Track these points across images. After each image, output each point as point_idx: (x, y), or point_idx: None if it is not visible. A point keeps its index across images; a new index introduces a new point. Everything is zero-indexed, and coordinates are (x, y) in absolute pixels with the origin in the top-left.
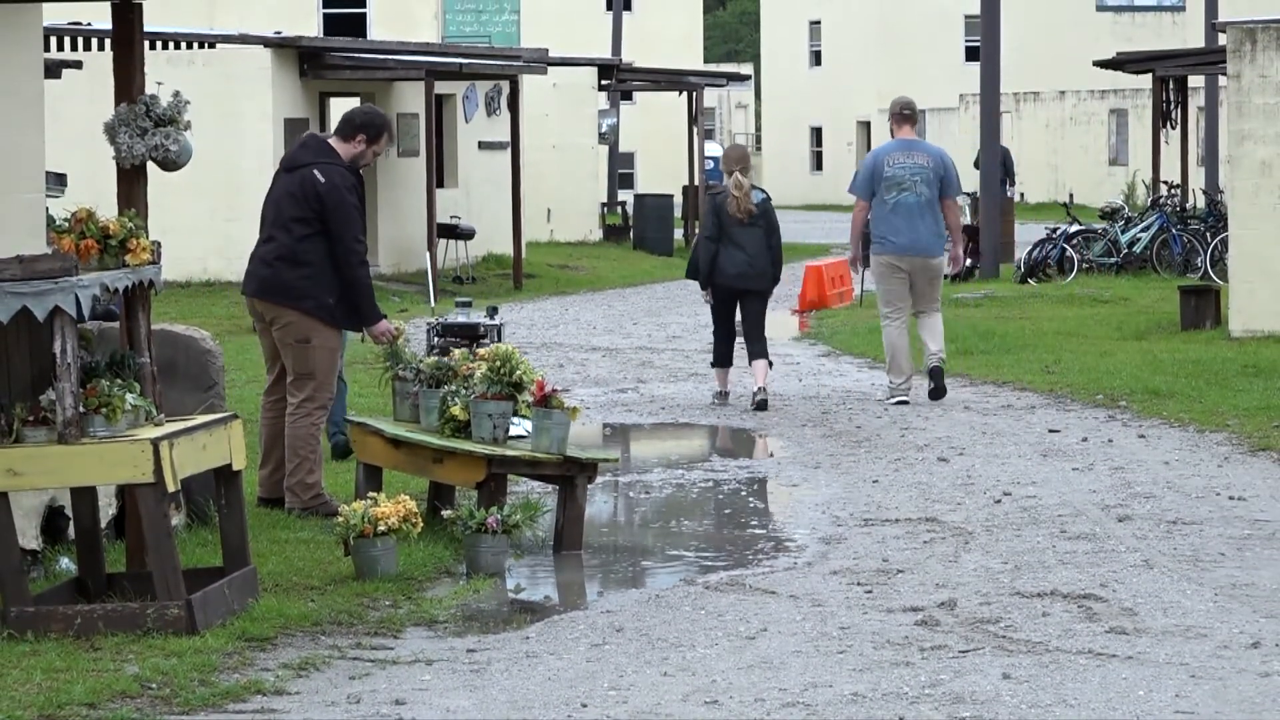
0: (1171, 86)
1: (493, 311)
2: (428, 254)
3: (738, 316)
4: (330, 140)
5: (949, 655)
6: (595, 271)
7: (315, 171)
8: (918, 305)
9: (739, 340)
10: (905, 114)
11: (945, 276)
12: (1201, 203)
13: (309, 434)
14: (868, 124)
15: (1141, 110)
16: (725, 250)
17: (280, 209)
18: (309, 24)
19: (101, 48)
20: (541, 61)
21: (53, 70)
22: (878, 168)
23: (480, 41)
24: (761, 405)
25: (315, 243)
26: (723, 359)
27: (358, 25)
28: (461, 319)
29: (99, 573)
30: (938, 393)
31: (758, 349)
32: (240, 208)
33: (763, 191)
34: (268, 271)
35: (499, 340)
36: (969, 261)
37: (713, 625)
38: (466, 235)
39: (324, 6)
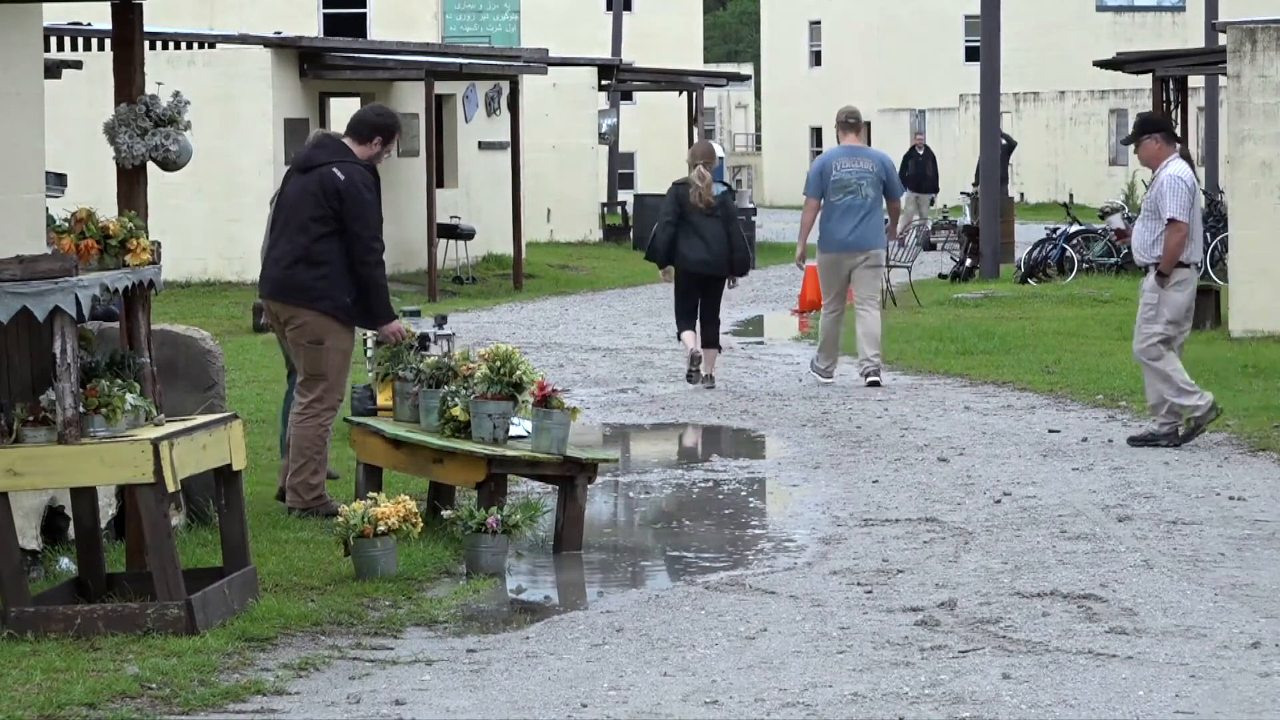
0: (1171, 87)
1: (441, 321)
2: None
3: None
4: (345, 140)
5: (949, 655)
6: (595, 271)
7: (334, 170)
8: (859, 293)
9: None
10: (850, 122)
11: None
12: (1201, 203)
13: (316, 435)
14: (868, 124)
15: (1141, 110)
16: (686, 238)
17: (298, 209)
18: (309, 24)
19: (101, 48)
20: (541, 61)
21: (53, 70)
22: (826, 171)
23: (480, 41)
24: (707, 380)
25: (331, 242)
26: (686, 325)
27: (358, 25)
28: (411, 328)
29: (99, 573)
30: (875, 384)
31: (711, 334)
32: (240, 208)
33: (725, 185)
34: (284, 273)
35: (450, 349)
36: (968, 261)
37: (713, 625)
38: (466, 235)
39: (324, 6)
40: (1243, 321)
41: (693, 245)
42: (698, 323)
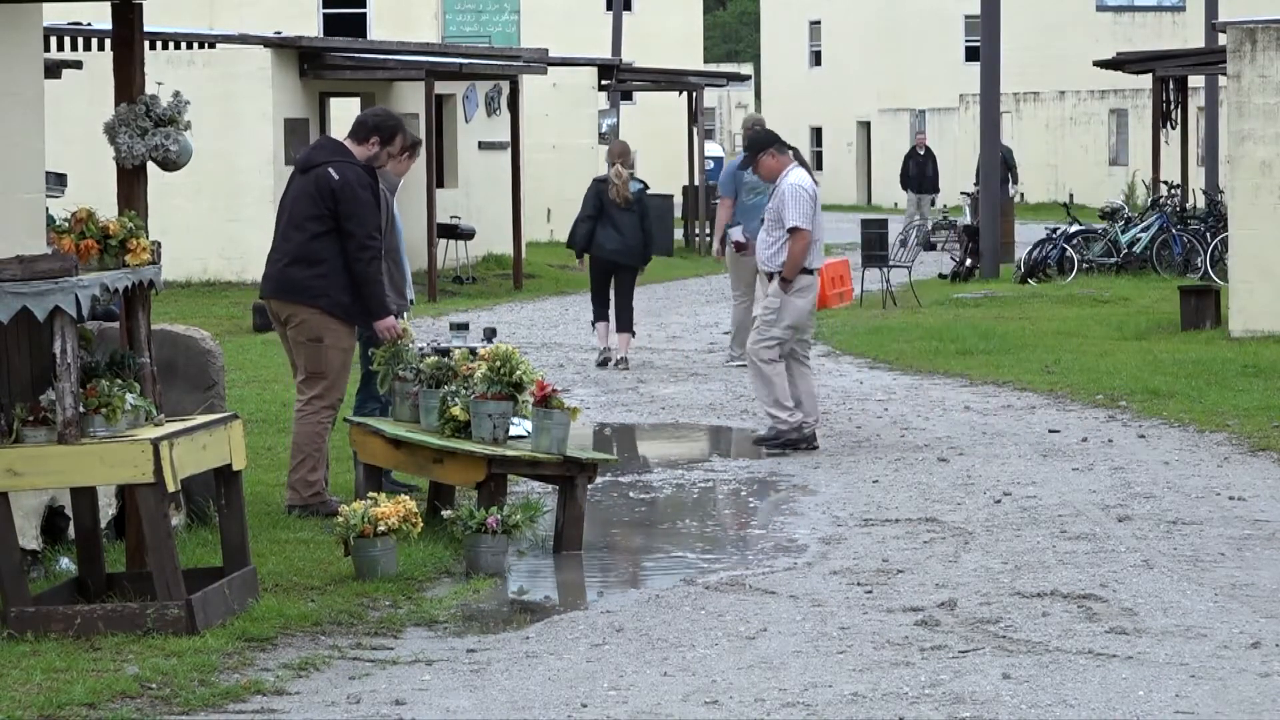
0: (1171, 86)
1: (490, 334)
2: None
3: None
4: (345, 141)
5: (949, 655)
6: None
7: (330, 170)
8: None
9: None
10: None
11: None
12: (1201, 203)
13: (315, 432)
14: (868, 124)
15: (1141, 110)
16: (604, 230)
17: (295, 209)
18: (309, 24)
19: (101, 48)
20: (541, 61)
21: (53, 70)
22: (739, 175)
23: (480, 41)
24: (621, 364)
25: (329, 241)
26: (600, 316)
27: (358, 25)
28: (459, 344)
29: (99, 573)
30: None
31: (625, 320)
32: (240, 208)
33: (640, 182)
34: (282, 271)
35: None
36: (968, 261)
37: (713, 625)
38: (466, 235)
39: (324, 6)
40: (1243, 321)
41: (609, 236)
42: (611, 313)
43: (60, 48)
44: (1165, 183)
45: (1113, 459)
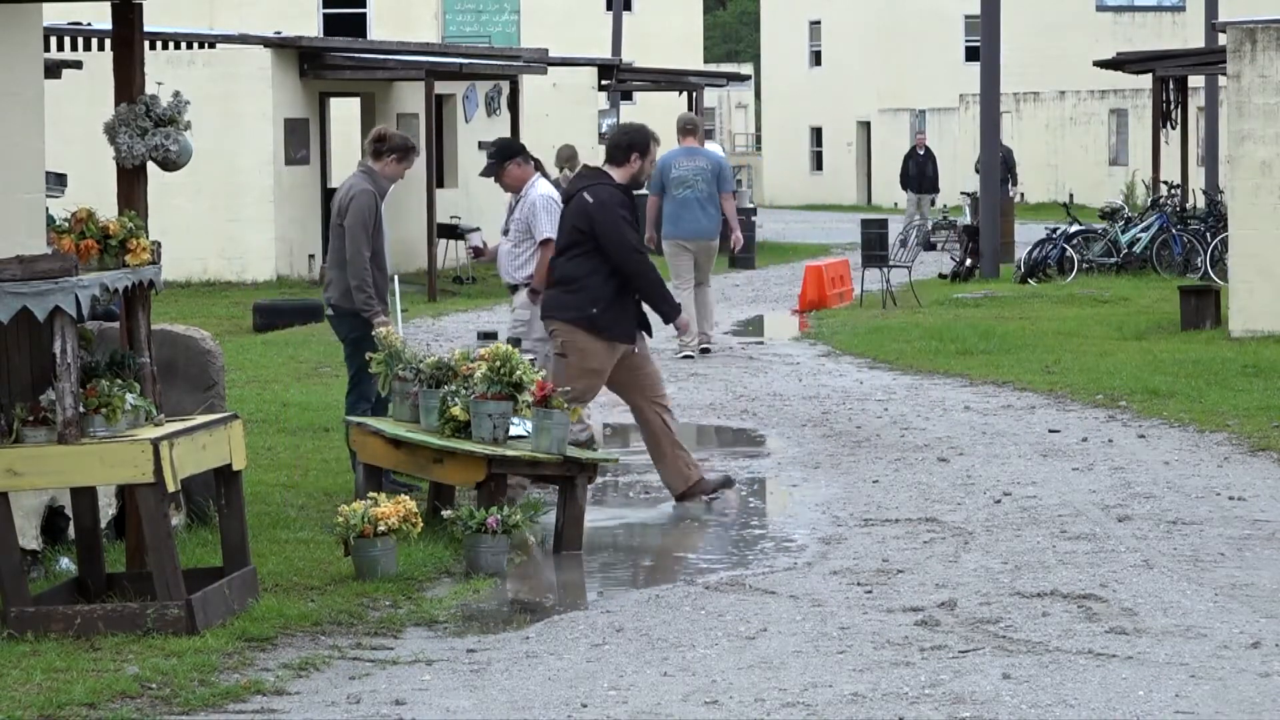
0: (1171, 86)
1: (489, 337)
2: (395, 278)
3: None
4: (604, 167)
5: (949, 655)
6: None
7: (585, 194)
8: (697, 277)
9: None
10: (689, 128)
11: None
12: (1201, 203)
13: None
14: (868, 124)
15: (1141, 110)
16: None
17: (561, 237)
18: (309, 24)
19: (101, 48)
20: (541, 61)
21: (53, 70)
22: (666, 170)
23: (480, 41)
24: None
25: (583, 260)
26: None
27: (358, 25)
28: None
29: (99, 573)
30: (705, 351)
31: None
32: (240, 208)
33: None
34: (548, 294)
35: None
36: (968, 261)
37: (713, 625)
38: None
39: (324, 6)
40: (1243, 321)
41: None
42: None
43: (60, 48)
44: (1165, 183)
45: (1113, 459)
